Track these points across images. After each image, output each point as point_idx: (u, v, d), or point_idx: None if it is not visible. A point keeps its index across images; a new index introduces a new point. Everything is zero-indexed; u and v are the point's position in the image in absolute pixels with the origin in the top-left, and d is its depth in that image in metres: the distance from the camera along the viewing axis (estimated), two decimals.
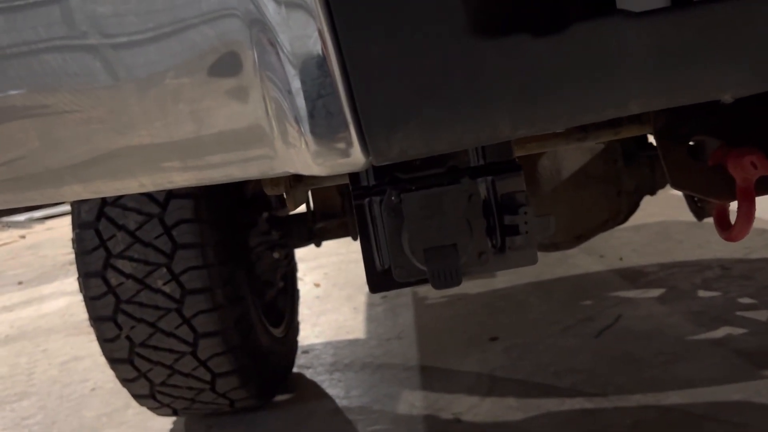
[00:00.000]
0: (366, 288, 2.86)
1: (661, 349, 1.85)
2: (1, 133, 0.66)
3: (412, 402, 1.79)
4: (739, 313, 2.02)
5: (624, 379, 1.72)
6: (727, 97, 0.59)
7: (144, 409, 1.79)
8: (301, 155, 0.61)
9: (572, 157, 1.75)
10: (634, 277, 2.50)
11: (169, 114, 0.63)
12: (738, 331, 1.90)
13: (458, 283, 0.62)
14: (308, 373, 2.09)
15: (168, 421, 1.90)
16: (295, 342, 2.10)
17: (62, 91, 0.64)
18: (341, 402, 1.87)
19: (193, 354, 1.56)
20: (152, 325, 1.52)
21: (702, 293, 2.23)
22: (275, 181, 0.89)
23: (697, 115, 0.78)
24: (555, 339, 2.04)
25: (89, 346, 2.62)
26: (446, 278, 0.62)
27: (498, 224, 0.64)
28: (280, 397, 1.95)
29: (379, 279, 0.68)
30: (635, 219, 2.29)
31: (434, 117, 0.57)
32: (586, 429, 1.52)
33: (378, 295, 2.77)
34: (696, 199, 1.71)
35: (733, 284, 2.26)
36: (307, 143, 0.59)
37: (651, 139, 1.79)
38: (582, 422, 1.56)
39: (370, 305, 2.67)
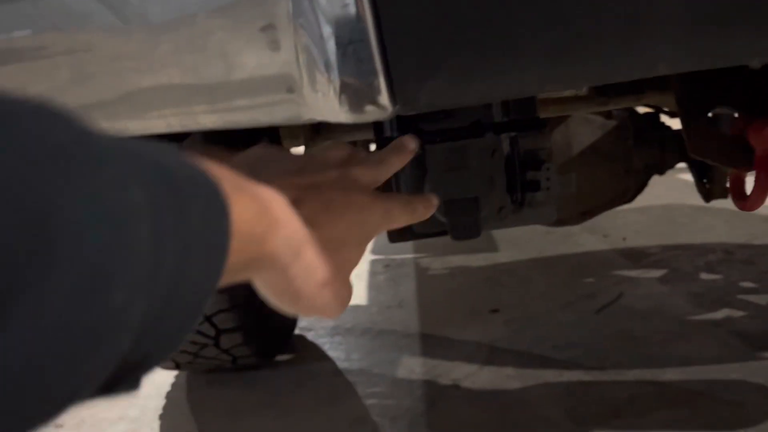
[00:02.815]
0: (369, 256, 2.88)
1: (661, 328, 1.87)
2: (31, 68, 0.66)
3: (412, 367, 1.82)
4: (739, 296, 2.04)
5: (622, 355, 1.74)
6: (756, 62, 0.59)
7: None
8: (328, 102, 0.61)
9: (583, 133, 1.74)
10: (636, 257, 2.51)
11: (199, 56, 0.64)
12: (738, 313, 1.92)
13: (477, 235, 0.63)
14: (310, 336, 2.11)
15: (169, 375, 1.93)
16: None
17: (95, 29, 0.65)
18: (342, 364, 1.89)
19: None
20: None
21: (704, 275, 2.24)
22: (294, 132, 0.89)
23: (720, 83, 0.78)
24: (555, 314, 2.06)
25: None
26: (466, 230, 0.63)
27: (519, 180, 0.65)
28: (281, 358, 1.97)
29: (398, 230, 0.69)
30: (641, 201, 2.29)
31: (464, 68, 0.57)
32: (583, 400, 1.55)
33: (380, 264, 2.78)
34: (704, 180, 1.71)
35: (735, 268, 2.27)
36: (335, 89, 0.59)
37: (663, 118, 1.79)
38: (579, 393, 1.58)
39: (373, 273, 2.68)
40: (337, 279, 0.52)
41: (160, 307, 0.28)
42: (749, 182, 0.78)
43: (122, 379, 0.29)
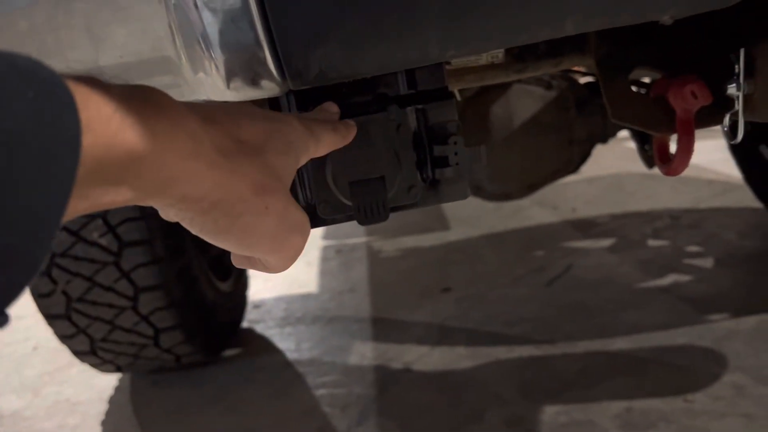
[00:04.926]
0: (319, 242, 2.83)
1: (610, 297, 1.87)
2: None
3: (363, 353, 1.78)
4: (686, 261, 2.05)
5: (572, 327, 1.73)
6: (667, 18, 0.56)
7: (88, 367, 1.74)
8: (212, 80, 0.55)
9: (524, 104, 1.72)
10: (586, 227, 2.51)
11: (65, 38, 0.57)
12: (684, 278, 1.93)
13: (385, 218, 0.58)
14: (259, 328, 2.05)
15: (113, 378, 1.85)
16: (245, 297, 2.06)
17: None
18: (292, 355, 1.84)
19: (134, 308, 1.50)
20: (89, 279, 1.46)
21: (651, 242, 2.25)
22: None
23: (638, 44, 0.75)
24: (506, 289, 2.05)
25: (32, 305, 2.53)
26: (373, 213, 0.58)
27: (428, 156, 0.61)
28: (229, 352, 1.91)
29: None
30: (589, 171, 2.29)
31: (356, 34, 0.52)
32: (534, 375, 1.53)
33: (332, 250, 2.73)
34: (646, 147, 1.70)
35: (681, 233, 2.29)
36: (216, 66, 0.54)
37: None
38: (530, 369, 1.56)
39: (324, 259, 2.63)
40: (272, 188, 0.42)
41: None
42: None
43: None
